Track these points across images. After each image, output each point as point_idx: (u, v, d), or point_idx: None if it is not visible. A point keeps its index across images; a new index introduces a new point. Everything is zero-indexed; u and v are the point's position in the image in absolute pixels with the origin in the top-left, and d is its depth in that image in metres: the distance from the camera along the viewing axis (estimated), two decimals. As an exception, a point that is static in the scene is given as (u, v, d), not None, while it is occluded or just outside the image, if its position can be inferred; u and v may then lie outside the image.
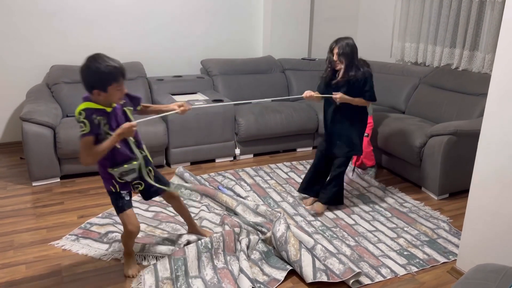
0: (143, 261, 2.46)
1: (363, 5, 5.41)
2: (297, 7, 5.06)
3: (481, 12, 3.95)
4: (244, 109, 4.19)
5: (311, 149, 4.50)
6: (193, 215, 2.97)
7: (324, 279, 2.25)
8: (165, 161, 3.90)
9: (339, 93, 2.88)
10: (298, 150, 4.46)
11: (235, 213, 2.95)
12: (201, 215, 2.91)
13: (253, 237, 2.59)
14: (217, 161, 4.08)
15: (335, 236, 2.78)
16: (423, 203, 3.29)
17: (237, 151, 4.14)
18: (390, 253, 2.61)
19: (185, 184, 3.41)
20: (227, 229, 2.60)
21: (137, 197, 3.22)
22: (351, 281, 2.28)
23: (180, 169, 3.57)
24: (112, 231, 2.71)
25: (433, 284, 2.36)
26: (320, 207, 3.07)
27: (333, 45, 2.92)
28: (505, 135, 2.09)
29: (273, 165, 3.98)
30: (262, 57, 5.03)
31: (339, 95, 2.87)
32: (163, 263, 2.27)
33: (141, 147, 2.23)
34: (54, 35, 4.22)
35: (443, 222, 3.01)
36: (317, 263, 2.34)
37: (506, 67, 2.06)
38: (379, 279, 2.37)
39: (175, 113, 2.34)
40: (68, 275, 2.34)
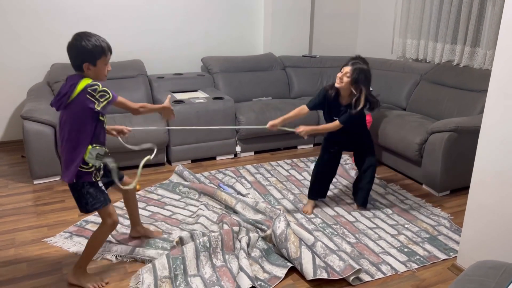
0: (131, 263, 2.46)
1: (364, 2, 5.39)
2: (298, 4, 5.04)
3: (482, 8, 3.94)
4: (244, 107, 4.19)
5: (312, 146, 4.50)
6: (191, 213, 2.99)
7: (324, 276, 2.25)
8: (166, 159, 3.91)
9: (301, 127, 2.76)
10: (299, 147, 4.46)
11: (235, 211, 2.95)
12: (199, 213, 2.91)
13: (253, 235, 2.59)
14: (218, 158, 4.08)
15: (336, 233, 2.78)
16: (424, 200, 3.28)
17: (238, 149, 4.14)
18: (390, 250, 2.61)
19: (184, 182, 3.42)
20: (226, 228, 2.61)
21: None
22: (351, 278, 2.28)
23: (179, 167, 3.57)
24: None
25: (433, 280, 2.36)
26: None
27: (344, 64, 2.71)
28: (505, 131, 2.09)
29: (273, 163, 3.98)
30: (262, 54, 5.03)
31: (301, 129, 2.75)
32: (161, 262, 2.27)
33: None
34: (55, 33, 4.22)
35: (444, 219, 3.00)
36: (317, 260, 2.34)
37: (506, 64, 2.05)
38: (379, 276, 2.37)
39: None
40: (68, 273, 2.35)
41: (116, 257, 2.47)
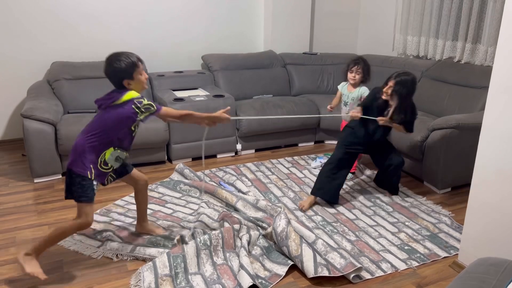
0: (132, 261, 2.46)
1: (365, -1, 5.38)
2: (298, 1, 5.02)
3: (484, 4, 3.92)
4: (245, 105, 4.18)
5: (312, 144, 4.49)
6: (192, 211, 2.99)
7: (325, 273, 2.25)
8: (166, 157, 3.90)
9: (383, 118, 2.98)
10: (299, 145, 4.45)
11: (236, 209, 2.95)
12: (200, 211, 2.91)
13: (254, 233, 2.59)
14: (219, 156, 4.07)
15: (336, 231, 2.78)
16: (425, 198, 3.27)
17: (239, 147, 4.13)
18: (391, 248, 2.61)
19: (184, 180, 3.41)
20: (227, 226, 2.60)
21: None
22: (352, 276, 2.28)
23: (180, 165, 3.57)
24: (107, 229, 2.69)
25: (434, 278, 2.35)
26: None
27: (390, 77, 2.92)
28: (506, 128, 2.08)
29: (274, 160, 3.98)
30: (263, 51, 5.01)
31: (383, 120, 2.98)
32: (162, 260, 2.27)
33: None
34: (54, 32, 4.22)
35: (445, 216, 3.00)
36: (318, 258, 2.34)
37: (507, 60, 2.04)
38: (380, 273, 2.36)
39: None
40: (69, 271, 2.35)
41: (116, 255, 2.47)
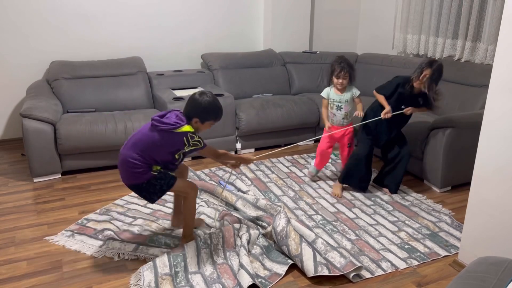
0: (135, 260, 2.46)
1: (365, -3, 5.36)
2: (298, 0, 5.02)
3: (484, 2, 3.91)
4: (245, 104, 4.17)
5: (312, 143, 4.48)
6: None
7: (325, 272, 2.25)
8: (166, 156, 3.89)
9: (410, 108, 3.11)
10: (299, 144, 4.43)
11: (235, 208, 2.94)
12: (200, 210, 2.90)
13: (254, 232, 2.58)
14: (218, 155, 4.06)
15: (336, 230, 2.77)
16: (425, 196, 3.27)
17: (238, 146, 4.13)
18: (391, 247, 2.60)
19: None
20: (227, 225, 2.60)
21: (134, 193, 3.23)
22: (352, 275, 2.28)
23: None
24: (108, 228, 2.69)
25: (434, 277, 2.35)
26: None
27: (425, 66, 3.02)
28: (506, 126, 2.07)
29: (274, 159, 3.97)
30: (262, 50, 5.01)
31: (410, 110, 3.11)
32: (162, 260, 2.27)
33: None
34: (54, 31, 4.21)
35: (445, 215, 2.99)
36: (318, 257, 2.33)
37: (507, 58, 2.03)
38: (380, 272, 2.36)
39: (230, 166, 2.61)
40: (69, 271, 2.35)
41: (118, 255, 2.47)
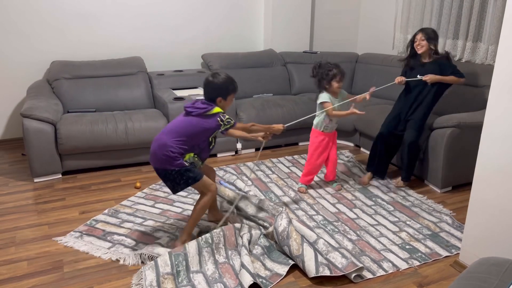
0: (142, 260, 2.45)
1: (365, -3, 5.36)
2: (298, 0, 5.01)
3: (484, 2, 3.90)
4: (245, 103, 4.17)
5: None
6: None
7: (327, 273, 2.24)
8: (166, 156, 3.89)
9: (429, 75, 3.23)
10: (300, 144, 4.44)
11: (237, 208, 2.94)
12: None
13: (255, 232, 2.58)
14: (219, 155, 4.06)
15: (337, 230, 2.77)
16: (426, 197, 3.27)
17: (239, 146, 4.12)
18: (392, 247, 2.60)
19: None
20: (228, 224, 2.60)
21: (141, 193, 3.23)
22: (353, 275, 2.27)
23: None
24: (118, 233, 2.69)
25: (435, 277, 2.35)
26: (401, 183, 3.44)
27: (417, 33, 3.32)
28: (508, 127, 2.07)
29: (274, 159, 3.97)
30: (263, 50, 5.01)
31: (428, 77, 3.22)
32: (163, 259, 2.27)
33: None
34: (54, 31, 4.21)
35: (446, 215, 2.99)
36: (319, 258, 2.33)
37: (509, 58, 2.03)
38: (381, 273, 2.36)
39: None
40: (69, 271, 2.35)
41: (124, 259, 2.45)
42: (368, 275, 2.33)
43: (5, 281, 2.27)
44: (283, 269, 2.35)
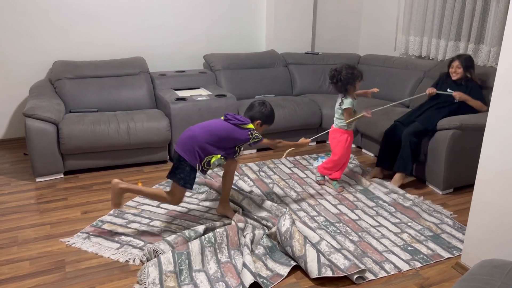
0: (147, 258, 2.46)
1: (367, -2, 5.36)
2: (300, 1, 5.02)
3: (487, 4, 3.91)
4: (247, 104, 4.15)
5: (315, 144, 4.48)
6: (206, 208, 3.02)
7: (329, 274, 2.24)
8: (168, 156, 3.90)
9: (459, 92, 3.39)
10: (301, 145, 4.43)
11: (241, 207, 2.95)
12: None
13: (258, 232, 2.59)
14: (220, 156, 4.06)
15: (339, 231, 2.77)
16: (427, 199, 3.26)
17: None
18: (393, 249, 2.60)
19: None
20: (232, 224, 2.60)
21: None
22: (355, 277, 2.27)
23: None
24: (126, 233, 2.70)
25: (437, 279, 2.35)
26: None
27: (454, 59, 3.53)
28: (511, 128, 2.07)
29: (276, 160, 3.97)
30: (265, 51, 5.01)
31: (458, 93, 3.39)
32: (166, 257, 2.27)
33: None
34: (56, 31, 4.21)
35: (447, 217, 2.99)
36: (322, 259, 2.33)
37: (511, 61, 2.03)
38: (383, 274, 2.36)
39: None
40: (71, 271, 2.35)
41: (134, 260, 2.45)
42: (370, 277, 2.33)
43: (7, 280, 2.27)
44: (284, 270, 2.35)
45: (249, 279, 2.17)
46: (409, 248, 2.61)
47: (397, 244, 2.65)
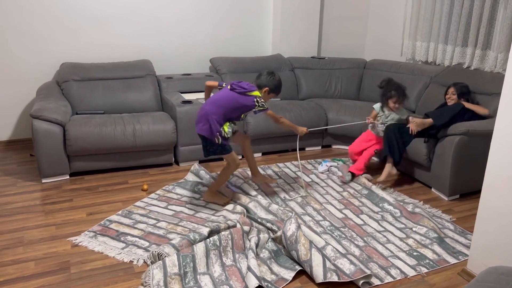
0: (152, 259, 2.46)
1: (373, 3, 5.36)
2: (307, 5, 5.03)
3: (494, 10, 3.90)
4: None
5: (320, 148, 4.48)
6: (213, 211, 3.02)
7: (334, 279, 2.24)
8: (173, 159, 3.90)
9: (415, 124, 3.38)
10: (306, 149, 4.44)
11: (247, 209, 2.95)
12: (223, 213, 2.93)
13: (263, 236, 2.59)
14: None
15: (344, 236, 2.76)
16: (422, 202, 3.25)
17: (246, 150, 4.12)
18: (399, 254, 2.59)
19: (203, 181, 3.43)
20: (237, 226, 2.60)
21: (154, 195, 3.25)
22: (361, 282, 2.26)
23: (195, 166, 3.60)
24: (131, 234, 2.70)
25: (443, 286, 2.33)
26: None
27: (450, 86, 3.64)
28: (518, 135, 2.06)
29: (281, 164, 3.97)
30: (271, 55, 5.02)
31: (413, 126, 3.38)
32: (171, 259, 2.27)
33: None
34: (64, 33, 4.24)
35: (447, 221, 2.97)
36: (328, 263, 2.32)
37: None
38: (389, 280, 2.35)
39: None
40: (76, 272, 2.35)
41: (138, 260, 2.46)
42: (376, 282, 2.32)
43: (13, 281, 2.28)
44: (289, 274, 2.34)
45: (253, 283, 2.17)
46: (415, 253, 2.60)
47: (402, 249, 2.64)
